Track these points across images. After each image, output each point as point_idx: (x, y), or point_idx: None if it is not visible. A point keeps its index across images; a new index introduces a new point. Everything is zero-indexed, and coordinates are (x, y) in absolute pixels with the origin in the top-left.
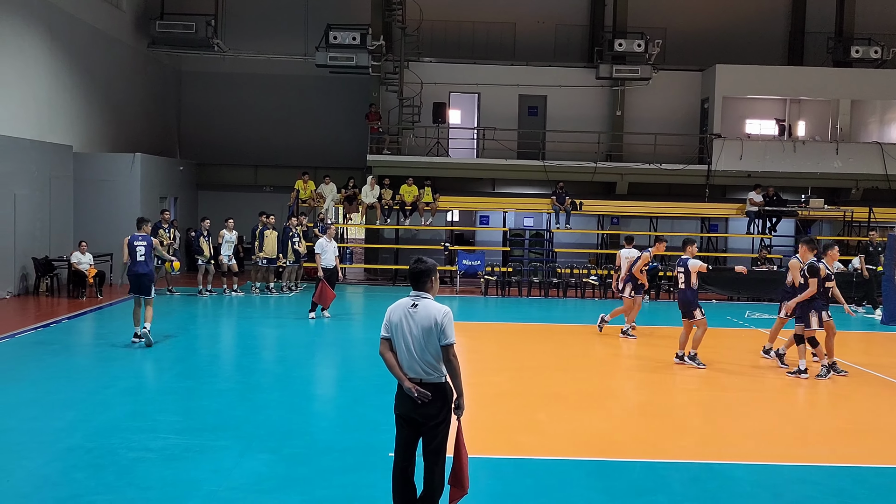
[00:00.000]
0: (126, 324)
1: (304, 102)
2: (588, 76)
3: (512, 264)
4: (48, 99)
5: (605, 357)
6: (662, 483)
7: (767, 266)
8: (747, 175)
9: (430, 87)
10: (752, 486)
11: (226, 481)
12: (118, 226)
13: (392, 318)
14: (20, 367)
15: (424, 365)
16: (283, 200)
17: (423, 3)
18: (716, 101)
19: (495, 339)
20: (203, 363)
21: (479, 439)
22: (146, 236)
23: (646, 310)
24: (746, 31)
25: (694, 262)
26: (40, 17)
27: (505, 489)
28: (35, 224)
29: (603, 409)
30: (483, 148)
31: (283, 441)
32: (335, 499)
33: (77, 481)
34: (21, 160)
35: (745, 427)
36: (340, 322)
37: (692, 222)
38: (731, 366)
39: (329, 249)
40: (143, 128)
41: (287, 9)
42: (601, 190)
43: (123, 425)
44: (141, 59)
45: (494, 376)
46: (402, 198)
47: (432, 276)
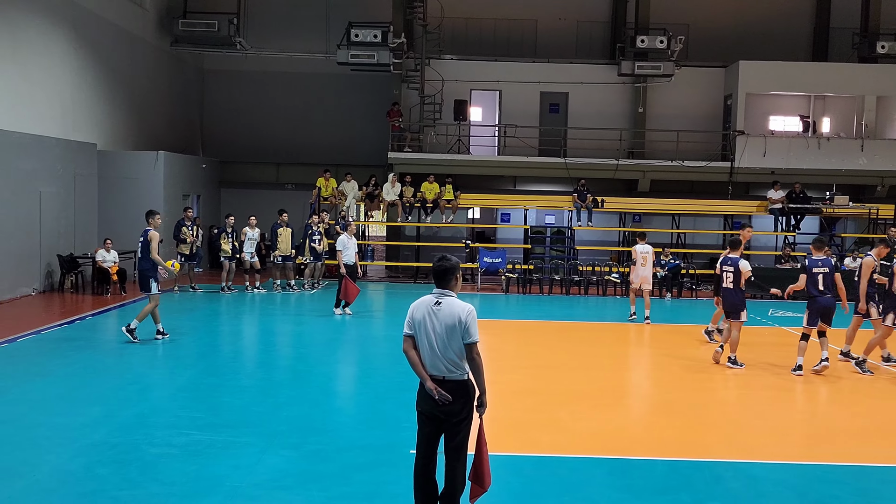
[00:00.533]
0: (149, 320)
1: (326, 100)
2: (610, 73)
3: (533, 262)
4: (73, 98)
5: (627, 355)
6: (685, 482)
7: (791, 264)
8: (771, 172)
9: (452, 85)
10: (776, 486)
11: (248, 477)
12: (142, 223)
13: (415, 315)
14: (46, 364)
15: (447, 363)
16: (305, 198)
17: (444, 1)
18: (739, 98)
19: (516, 336)
20: (225, 360)
21: (500, 437)
22: (146, 230)
23: (667, 307)
24: (770, 27)
25: (745, 263)
26: (65, 17)
27: (526, 487)
28: (60, 222)
29: (624, 407)
30: (504, 145)
31: (304, 438)
32: (356, 495)
33: (101, 477)
34: (46, 158)
35: (768, 425)
36: (362, 319)
37: (715, 220)
38: (754, 364)
39: (350, 246)
40: (166, 126)
41: (309, 7)
42: (623, 187)
43: (147, 421)
44: (164, 58)
45: (515, 374)
46: (423, 195)
47: (456, 274)
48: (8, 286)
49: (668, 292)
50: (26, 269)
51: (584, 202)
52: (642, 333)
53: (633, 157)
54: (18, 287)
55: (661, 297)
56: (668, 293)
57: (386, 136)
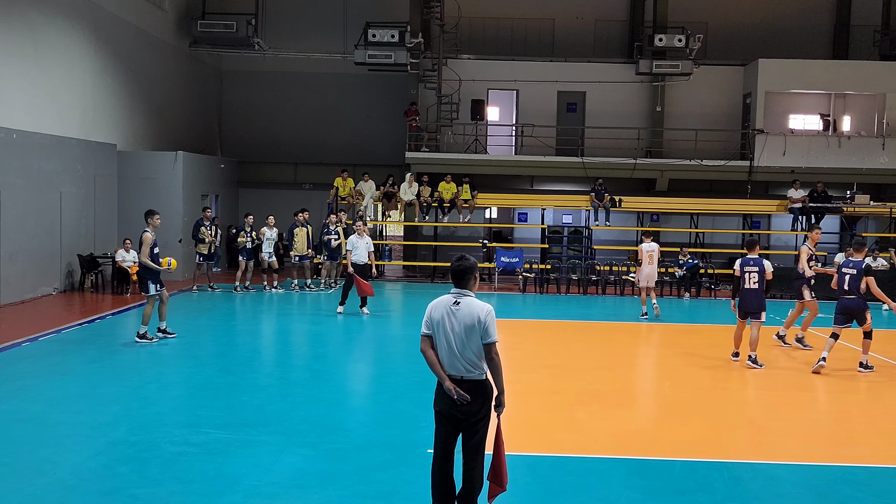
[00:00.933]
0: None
1: (344, 100)
2: (627, 72)
3: (550, 261)
4: (93, 98)
5: (645, 355)
6: (704, 483)
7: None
8: (791, 171)
9: (469, 84)
10: (796, 487)
11: (266, 476)
12: (161, 223)
13: (433, 315)
14: (66, 362)
15: (465, 362)
16: (323, 198)
17: (461, 0)
18: (758, 97)
19: (534, 336)
20: (243, 359)
21: (518, 436)
22: (143, 231)
23: (686, 307)
24: (790, 25)
25: (768, 263)
26: (85, 19)
27: (543, 487)
28: (80, 221)
29: (643, 407)
30: (521, 145)
31: (322, 437)
32: (374, 494)
33: (121, 475)
34: (67, 159)
35: (788, 426)
36: (379, 319)
37: (734, 219)
38: (773, 364)
39: (360, 246)
40: (185, 126)
41: (326, 7)
42: (641, 186)
43: (166, 420)
44: (183, 59)
45: (533, 373)
46: (440, 195)
47: (475, 274)
48: (29, 286)
49: (686, 292)
50: (47, 268)
51: (602, 202)
52: (660, 333)
53: (650, 156)
54: (39, 287)
55: (679, 297)
56: (686, 293)
57: (403, 136)
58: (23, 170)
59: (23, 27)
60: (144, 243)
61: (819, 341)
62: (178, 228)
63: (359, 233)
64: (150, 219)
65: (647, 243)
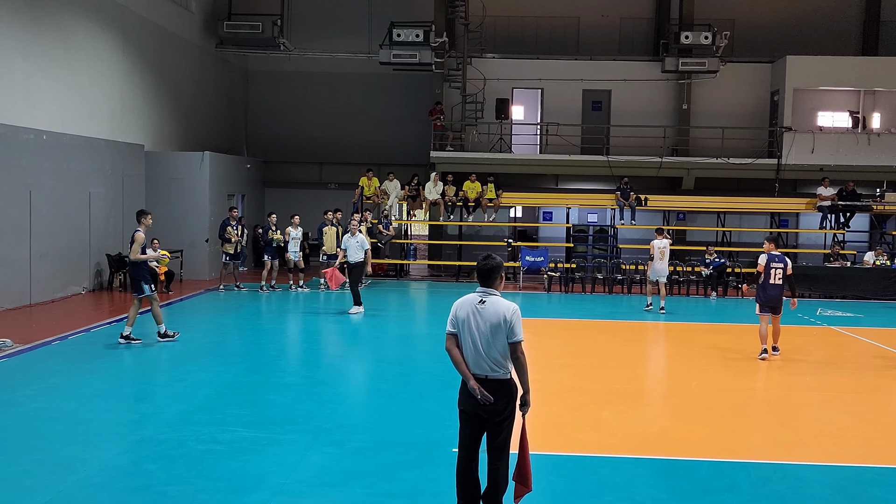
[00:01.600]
0: (195, 319)
1: (369, 100)
2: (653, 70)
3: (575, 260)
4: (121, 100)
5: (671, 354)
6: (730, 483)
7: (840, 262)
8: (819, 169)
9: (493, 83)
10: (824, 488)
11: (292, 474)
12: (188, 223)
13: (459, 313)
14: (95, 361)
15: (491, 362)
16: (348, 197)
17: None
18: (786, 94)
19: (558, 335)
20: (270, 357)
21: (542, 436)
22: (135, 231)
23: (713, 307)
24: (818, 21)
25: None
26: (114, 21)
27: (568, 487)
28: (109, 221)
29: (668, 407)
30: (546, 143)
31: (347, 435)
32: (399, 493)
33: (149, 472)
34: (96, 159)
35: (816, 427)
36: (404, 318)
37: (761, 217)
38: (801, 365)
39: (352, 245)
40: (211, 127)
41: (351, 7)
42: (667, 185)
43: (193, 418)
44: (210, 60)
45: (557, 372)
46: (465, 194)
47: (501, 273)
48: (59, 285)
49: (713, 291)
50: (77, 268)
51: (627, 200)
52: (686, 333)
53: (676, 154)
54: (69, 286)
55: (706, 297)
56: (713, 292)
57: (428, 135)
58: (53, 170)
59: (53, 30)
60: (136, 242)
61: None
62: (204, 228)
63: (351, 231)
64: (142, 219)
65: (659, 240)
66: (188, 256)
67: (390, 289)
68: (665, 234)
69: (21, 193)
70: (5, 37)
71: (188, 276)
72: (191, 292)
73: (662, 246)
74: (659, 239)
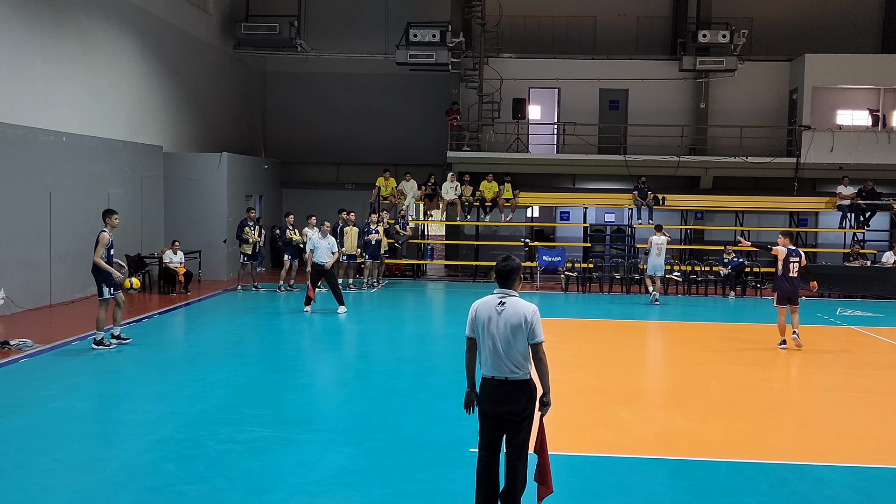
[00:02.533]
0: (214, 319)
1: (385, 100)
2: (671, 69)
3: (593, 260)
4: (140, 101)
5: (689, 354)
6: (750, 484)
7: (860, 262)
8: (839, 168)
9: (510, 83)
10: (844, 489)
11: (310, 474)
12: (206, 223)
13: (478, 316)
14: (115, 361)
15: (511, 363)
16: (365, 197)
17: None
18: (805, 92)
19: (576, 335)
20: (287, 357)
21: (561, 436)
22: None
23: (731, 307)
24: (837, 19)
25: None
26: (132, 23)
27: (586, 487)
28: (128, 222)
29: (686, 407)
30: (563, 143)
31: (365, 435)
32: (416, 493)
33: (168, 472)
34: (114, 161)
35: (836, 427)
36: (421, 318)
37: (780, 217)
38: (821, 365)
39: (322, 246)
40: (229, 128)
41: (368, 8)
42: (684, 184)
43: (212, 418)
44: (227, 61)
45: (575, 373)
46: (482, 194)
47: (520, 274)
48: (79, 286)
49: (731, 291)
50: None
51: (645, 200)
52: (705, 333)
53: (694, 153)
54: (88, 286)
55: (724, 296)
56: (731, 292)
57: (445, 136)
58: (72, 172)
59: (73, 33)
60: (100, 243)
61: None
62: (222, 229)
63: (322, 232)
64: (107, 219)
65: (658, 236)
66: (206, 257)
67: (407, 289)
68: (663, 231)
69: (41, 195)
70: (27, 40)
71: (206, 277)
72: (209, 293)
73: (660, 242)
74: (658, 235)
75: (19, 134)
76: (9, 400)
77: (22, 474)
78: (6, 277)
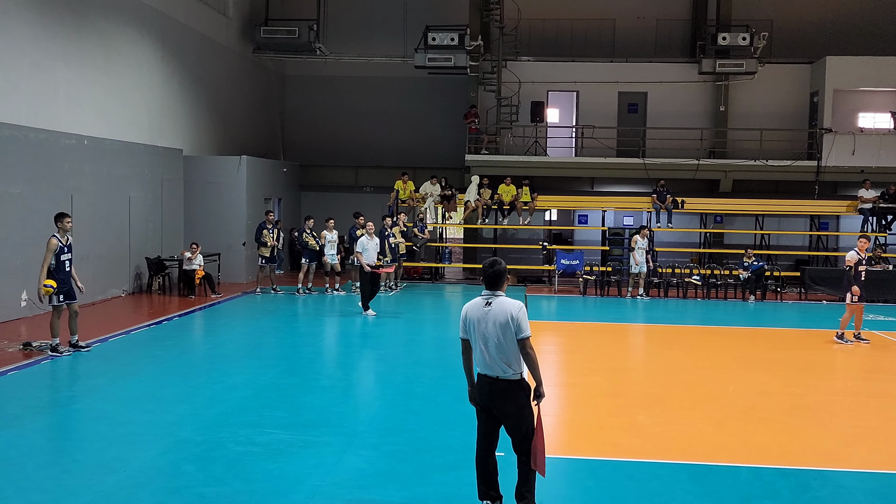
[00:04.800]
0: (233, 321)
1: (404, 103)
2: (690, 72)
3: (611, 264)
4: (160, 105)
5: (708, 358)
6: (770, 489)
7: (882, 266)
8: (860, 171)
9: (528, 86)
10: (866, 495)
11: (328, 476)
12: (225, 226)
13: (468, 318)
14: (135, 363)
15: (502, 362)
16: (384, 200)
17: (521, 2)
18: (826, 95)
19: (594, 339)
20: (306, 360)
21: (579, 440)
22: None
23: (751, 310)
24: (858, 21)
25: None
26: (153, 27)
27: (605, 491)
28: (148, 225)
29: (706, 412)
30: (582, 146)
31: (383, 438)
32: (435, 496)
33: (187, 473)
34: (135, 164)
35: (857, 433)
36: (439, 321)
37: (800, 220)
38: (842, 369)
39: (370, 247)
40: (248, 131)
41: (386, 12)
42: (704, 187)
43: (231, 420)
44: (247, 65)
45: (593, 377)
46: (500, 197)
47: (506, 277)
48: (100, 288)
49: (751, 295)
50: (117, 271)
51: (664, 203)
52: (724, 337)
53: (714, 156)
54: (109, 288)
55: (744, 300)
56: (751, 296)
57: (463, 139)
58: (93, 175)
59: (94, 37)
60: (49, 250)
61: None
62: (241, 231)
63: (368, 234)
64: (58, 223)
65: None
66: (225, 260)
67: (425, 292)
68: (644, 232)
69: (63, 197)
70: (50, 45)
71: (225, 279)
72: (228, 295)
73: (642, 245)
74: (641, 239)
75: (42, 137)
76: (31, 401)
77: (44, 475)
78: (29, 280)
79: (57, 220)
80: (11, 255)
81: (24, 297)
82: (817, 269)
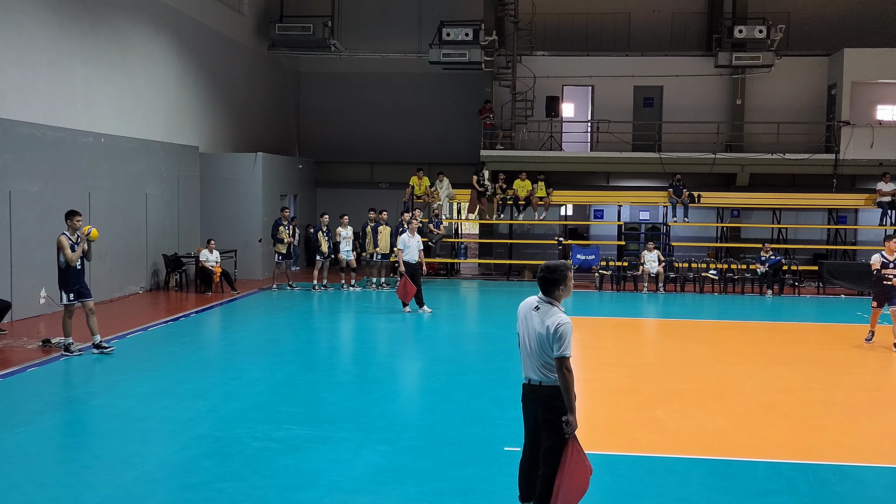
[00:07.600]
0: (249, 318)
1: (418, 99)
2: (706, 65)
3: (627, 258)
4: (176, 102)
5: (726, 353)
6: (788, 485)
7: None
8: (879, 164)
9: (543, 81)
10: (885, 490)
11: (345, 471)
12: (241, 223)
13: (519, 315)
14: (153, 359)
15: (539, 367)
16: (399, 196)
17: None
18: (844, 87)
19: (611, 334)
20: (323, 356)
21: (596, 435)
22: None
23: (768, 305)
24: (876, 12)
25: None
26: (169, 25)
27: (622, 486)
28: (165, 222)
29: (724, 407)
30: (597, 141)
31: (400, 433)
32: (451, 491)
33: (205, 469)
34: (152, 161)
35: (877, 428)
36: (455, 316)
37: (818, 214)
38: (860, 364)
39: (412, 245)
40: (264, 128)
41: (401, 7)
42: (720, 181)
43: (248, 416)
44: (262, 62)
45: (611, 372)
46: (515, 193)
47: (560, 286)
48: (118, 285)
49: (769, 289)
50: (134, 268)
51: (680, 197)
52: (742, 332)
53: (730, 150)
54: (127, 285)
55: (761, 295)
56: (769, 290)
57: (478, 134)
58: (110, 172)
59: (110, 35)
60: (62, 247)
61: None
62: (257, 228)
63: (410, 231)
64: (68, 221)
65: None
66: (242, 256)
67: (441, 287)
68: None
69: (80, 195)
70: (66, 44)
71: (242, 276)
72: (244, 292)
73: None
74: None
75: (59, 135)
76: (51, 397)
77: (63, 470)
78: (47, 277)
79: (67, 217)
80: (30, 252)
81: (43, 294)
82: (835, 264)
